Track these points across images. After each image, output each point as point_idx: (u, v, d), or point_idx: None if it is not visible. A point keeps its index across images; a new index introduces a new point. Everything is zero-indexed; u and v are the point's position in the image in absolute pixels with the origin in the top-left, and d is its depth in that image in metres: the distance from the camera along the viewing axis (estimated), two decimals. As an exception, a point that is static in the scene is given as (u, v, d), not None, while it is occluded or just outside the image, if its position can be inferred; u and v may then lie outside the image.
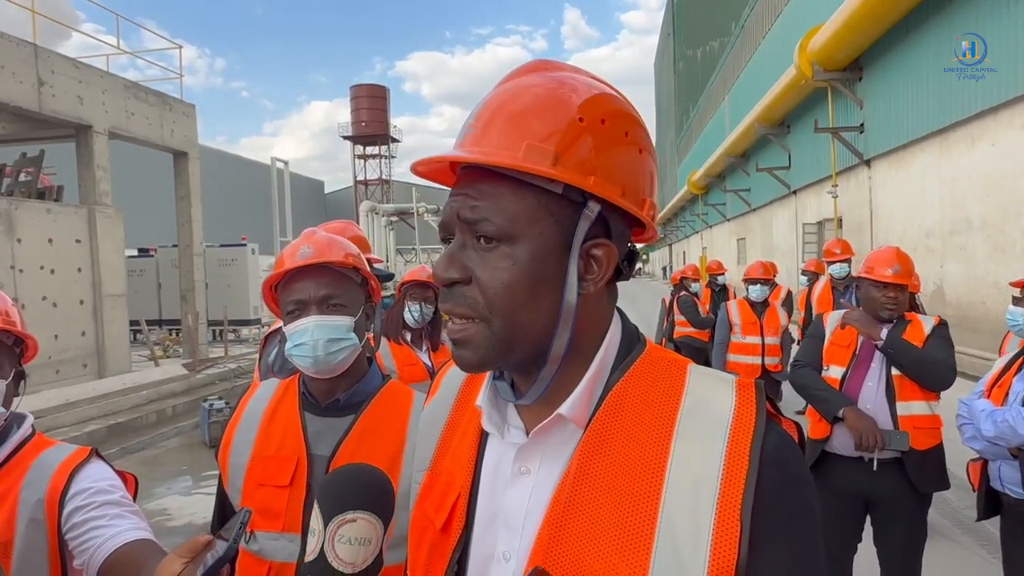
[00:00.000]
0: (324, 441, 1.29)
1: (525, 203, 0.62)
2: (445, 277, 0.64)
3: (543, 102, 0.64)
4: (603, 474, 0.63)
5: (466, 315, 0.64)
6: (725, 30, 27.90)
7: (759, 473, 0.60)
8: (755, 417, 0.63)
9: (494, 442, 0.72)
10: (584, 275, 0.64)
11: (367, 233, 23.30)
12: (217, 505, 1.40)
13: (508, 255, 0.62)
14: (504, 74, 0.70)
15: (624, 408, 0.65)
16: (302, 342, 1.27)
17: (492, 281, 0.62)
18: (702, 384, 0.66)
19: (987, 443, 2.31)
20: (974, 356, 8.45)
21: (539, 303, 0.63)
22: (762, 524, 0.59)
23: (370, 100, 46.50)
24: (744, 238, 24.27)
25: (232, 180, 34.05)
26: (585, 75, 0.68)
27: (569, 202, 0.63)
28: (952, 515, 4.21)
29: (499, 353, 0.64)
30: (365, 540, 0.76)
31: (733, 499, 0.59)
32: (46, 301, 8.77)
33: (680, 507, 0.60)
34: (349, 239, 1.44)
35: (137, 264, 15.91)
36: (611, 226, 0.65)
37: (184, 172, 12.01)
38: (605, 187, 0.62)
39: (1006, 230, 8.43)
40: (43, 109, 8.93)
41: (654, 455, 0.62)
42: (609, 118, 0.64)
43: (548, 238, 0.63)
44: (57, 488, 1.16)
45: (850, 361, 2.65)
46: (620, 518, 0.61)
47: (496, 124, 0.64)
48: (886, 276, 2.60)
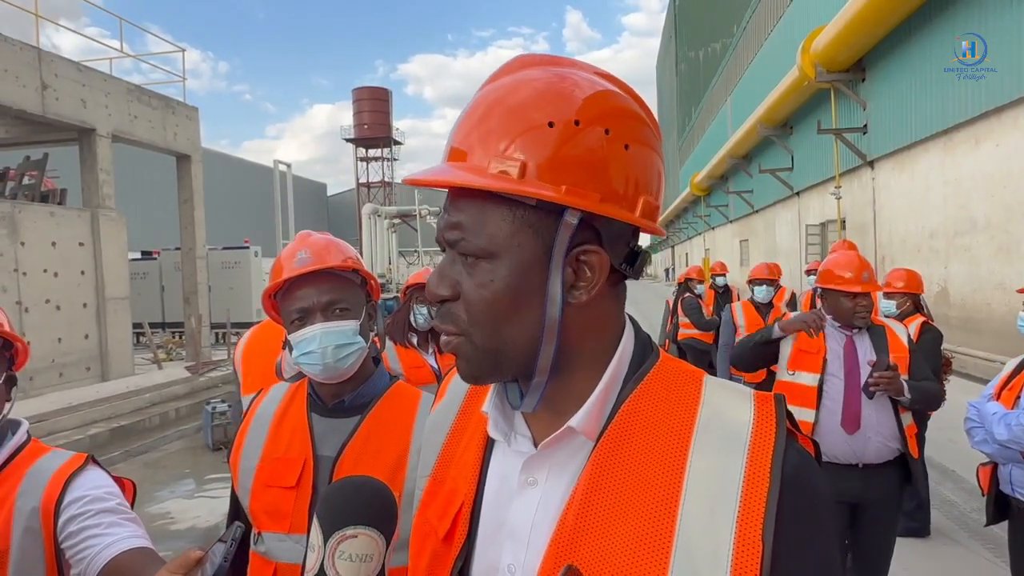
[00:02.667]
0: (330, 442, 1.29)
1: (502, 217, 0.60)
2: (436, 294, 0.64)
3: (512, 108, 0.61)
4: (616, 488, 0.61)
5: (449, 331, 0.64)
6: (727, 32, 27.89)
7: (781, 488, 0.58)
8: (775, 432, 0.60)
9: (500, 451, 0.70)
10: (576, 283, 0.62)
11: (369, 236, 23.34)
12: (231, 511, 1.40)
13: (489, 271, 0.61)
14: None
15: (637, 421, 0.63)
16: (310, 350, 1.26)
17: (474, 298, 0.62)
18: (719, 396, 0.64)
19: (999, 447, 2.28)
20: (978, 358, 8.42)
21: (524, 317, 0.62)
22: (782, 543, 0.57)
23: (372, 103, 46.58)
24: (747, 240, 24.22)
25: (235, 183, 34.14)
26: (567, 68, 0.64)
27: (547, 212, 0.60)
28: (958, 518, 4.19)
29: (488, 366, 0.63)
30: (366, 556, 0.74)
31: (754, 517, 0.57)
32: (49, 304, 8.79)
33: (698, 523, 0.58)
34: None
35: (140, 267, 15.94)
36: (600, 231, 0.62)
37: (187, 175, 12.04)
38: (580, 195, 0.59)
39: (1011, 231, 8.40)
40: (46, 112, 8.96)
41: (670, 469, 0.60)
42: (586, 117, 0.60)
43: (528, 251, 0.61)
44: (52, 496, 1.15)
45: (822, 369, 2.55)
46: (635, 534, 0.59)
47: (471, 135, 0.62)
48: (855, 285, 2.52)
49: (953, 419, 2.60)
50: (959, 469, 4.83)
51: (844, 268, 2.56)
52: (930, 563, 3.62)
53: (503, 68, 0.66)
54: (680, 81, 46.96)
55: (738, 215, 24.86)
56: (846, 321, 2.56)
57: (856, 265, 2.57)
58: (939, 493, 4.47)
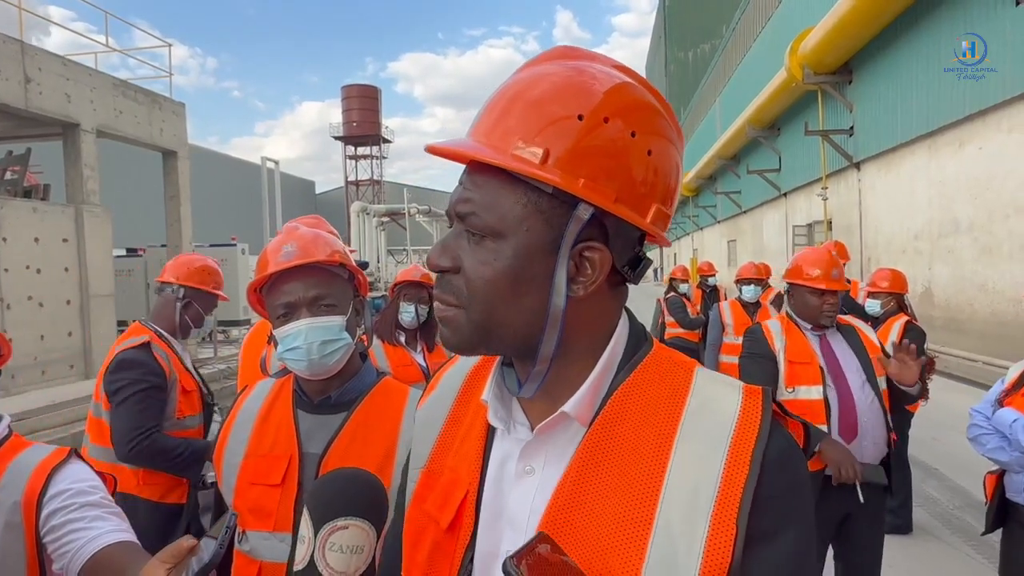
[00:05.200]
0: (316, 439, 1.27)
1: (516, 199, 0.61)
2: (436, 264, 0.65)
3: (546, 95, 0.62)
4: (605, 471, 0.63)
5: (449, 301, 0.65)
6: (716, 33, 28.03)
7: (760, 476, 0.59)
8: (760, 421, 0.62)
9: (500, 439, 0.71)
10: (576, 277, 0.63)
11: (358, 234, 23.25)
12: (215, 509, 1.38)
13: (494, 250, 0.62)
14: (497, 76, 0.70)
15: (628, 408, 0.65)
16: (295, 345, 1.24)
17: (475, 274, 0.63)
18: (708, 386, 0.66)
19: (1020, 455, 2.17)
20: (961, 358, 8.52)
21: (521, 301, 0.62)
22: (756, 524, 0.58)
23: (361, 100, 46.37)
24: (735, 240, 24.37)
25: (222, 180, 33.84)
26: (607, 64, 0.65)
27: (561, 202, 0.61)
28: (941, 515, 4.24)
29: (476, 340, 0.64)
30: (357, 548, 0.74)
31: (731, 503, 0.59)
32: (32, 301, 8.66)
33: (678, 508, 0.59)
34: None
35: (125, 264, 15.73)
36: (609, 229, 0.63)
37: (173, 171, 11.92)
38: (596, 191, 0.60)
39: (993, 232, 8.51)
40: (29, 107, 8.83)
41: (656, 455, 0.62)
42: (616, 116, 0.61)
43: (535, 237, 0.61)
44: (35, 490, 1.13)
45: (823, 378, 2.40)
46: (618, 516, 0.60)
47: (501, 114, 0.63)
48: (822, 282, 2.44)
49: (936, 418, 2.61)
50: (942, 467, 4.89)
51: (813, 264, 2.48)
52: (912, 559, 3.66)
53: (533, 60, 0.67)
54: (670, 82, 47.13)
55: (726, 215, 25.00)
56: (812, 320, 2.48)
57: (825, 261, 2.48)
58: (922, 491, 4.52)
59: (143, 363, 2.33)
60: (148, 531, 2.51)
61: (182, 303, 2.50)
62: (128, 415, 2.24)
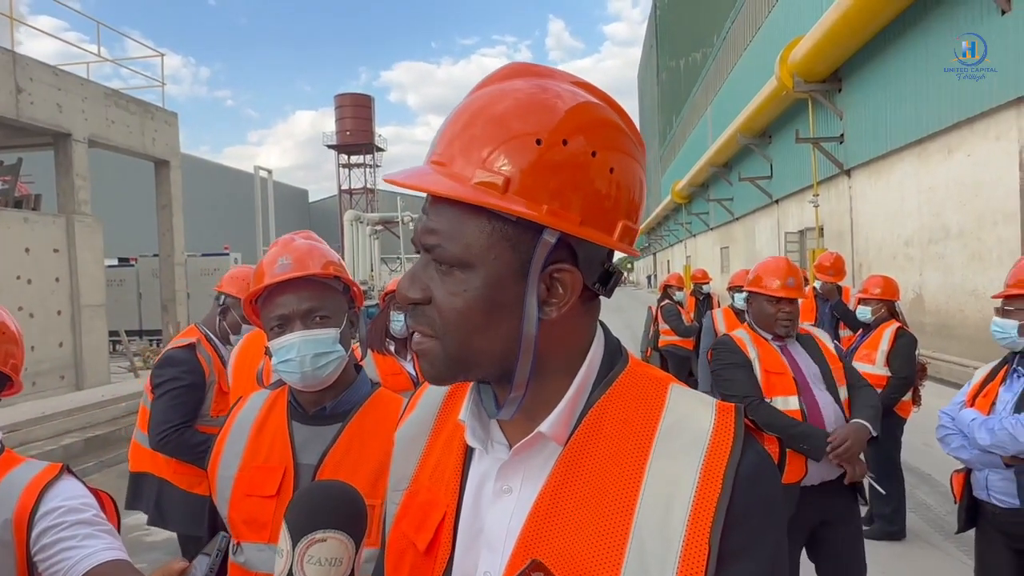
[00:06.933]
0: (311, 450, 1.27)
1: (480, 228, 0.60)
2: (406, 297, 0.64)
3: (502, 119, 0.60)
4: (580, 490, 0.62)
5: (424, 332, 0.64)
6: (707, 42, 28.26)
7: (732, 493, 0.59)
8: (732, 438, 0.62)
9: (478, 459, 0.70)
10: (548, 299, 0.62)
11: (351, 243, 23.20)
12: (209, 522, 1.37)
13: (463, 281, 0.61)
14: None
15: (603, 426, 0.65)
16: (289, 358, 1.25)
17: (447, 305, 0.62)
18: (682, 403, 0.66)
19: (979, 452, 2.24)
20: (952, 363, 8.57)
21: (495, 329, 0.62)
22: (728, 542, 0.58)
23: (354, 109, 46.45)
24: (727, 247, 24.48)
25: (215, 189, 33.75)
26: (565, 80, 0.64)
27: (526, 228, 0.60)
28: (933, 521, 4.25)
29: (454, 371, 0.64)
30: (336, 560, 0.73)
31: (703, 520, 0.58)
32: (22, 312, 8.60)
33: (652, 525, 0.59)
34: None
35: (117, 274, 15.68)
36: (577, 251, 0.62)
37: (165, 181, 11.89)
38: (560, 216, 0.59)
39: (982, 238, 8.58)
40: (20, 116, 8.80)
41: (630, 473, 0.62)
42: (575, 136, 0.60)
43: (504, 264, 0.60)
44: (26, 508, 1.11)
45: (796, 388, 2.41)
46: (592, 535, 0.60)
47: (457, 142, 0.61)
48: (779, 290, 2.45)
49: (928, 424, 2.63)
50: (935, 473, 4.91)
51: (771, 274, 2.51)
52: (905, 565, 3.67)
53: (489, 77, 0.65)
54: (661, 90, 47.43)
55: (719, 222, 25.12)
56: (768, 328, 2.49)
57: (783, 271, 2.51)
58: (914, 496, 4.54)
59: (185, 362, 2.56)
60: (183, 517, 2.70)
61: (221, 309, 2.77)
62: (163, 409, 2.47)
